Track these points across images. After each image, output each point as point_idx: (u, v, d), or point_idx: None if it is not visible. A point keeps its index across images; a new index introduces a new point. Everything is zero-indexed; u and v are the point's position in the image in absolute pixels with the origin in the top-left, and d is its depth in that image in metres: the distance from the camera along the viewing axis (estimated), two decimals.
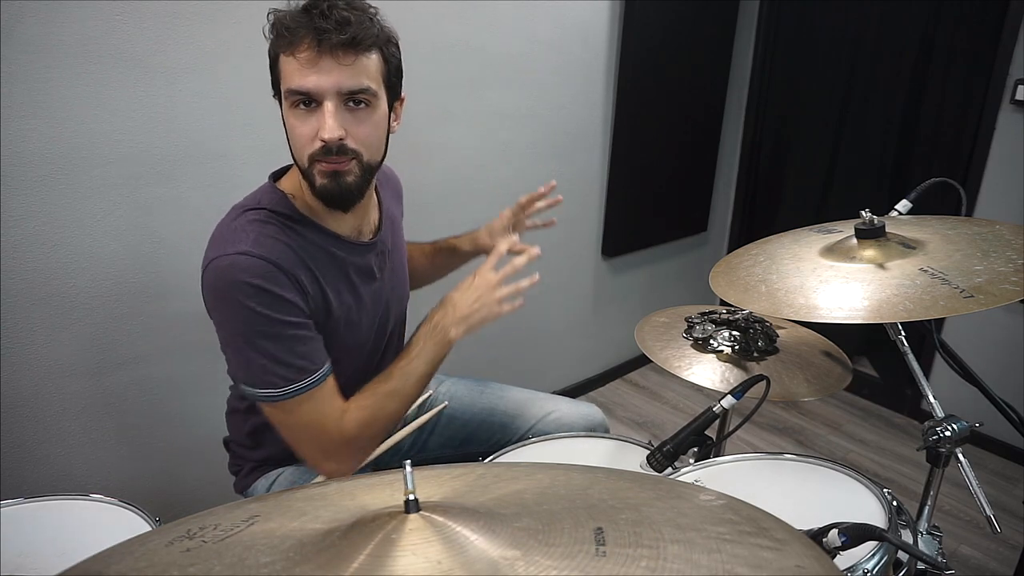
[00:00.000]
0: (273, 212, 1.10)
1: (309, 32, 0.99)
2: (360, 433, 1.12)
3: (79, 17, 1.44)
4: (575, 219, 2.64)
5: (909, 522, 1.04)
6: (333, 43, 0.99)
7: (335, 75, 1.00)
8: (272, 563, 0.56)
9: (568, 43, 2.35)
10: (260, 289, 1.02)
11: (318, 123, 1.02)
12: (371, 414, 1.12)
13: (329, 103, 1.01)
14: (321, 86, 1.00)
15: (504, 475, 0.74)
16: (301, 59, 1.00)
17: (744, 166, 3.16)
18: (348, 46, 1.00)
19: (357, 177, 1.07)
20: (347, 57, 1.00)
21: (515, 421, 1.45)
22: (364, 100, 1.04)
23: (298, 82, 1.01)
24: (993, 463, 2.51)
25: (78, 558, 0.64)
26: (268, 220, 1.09)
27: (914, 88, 2.66)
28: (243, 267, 1.02)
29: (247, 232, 1.06)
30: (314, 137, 1.03)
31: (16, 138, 1.43)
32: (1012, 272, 0.96)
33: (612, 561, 0.53)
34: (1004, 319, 2.43)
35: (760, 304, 1.09)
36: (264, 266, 1.03)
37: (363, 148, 1.06)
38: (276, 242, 1.07)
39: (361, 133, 1.05)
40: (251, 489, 1.34)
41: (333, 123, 1.01)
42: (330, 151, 1.03)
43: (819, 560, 0.57)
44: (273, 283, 1.03)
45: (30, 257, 1.51)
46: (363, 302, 1.21)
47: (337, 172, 1.05)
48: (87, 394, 1.65)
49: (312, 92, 1.01)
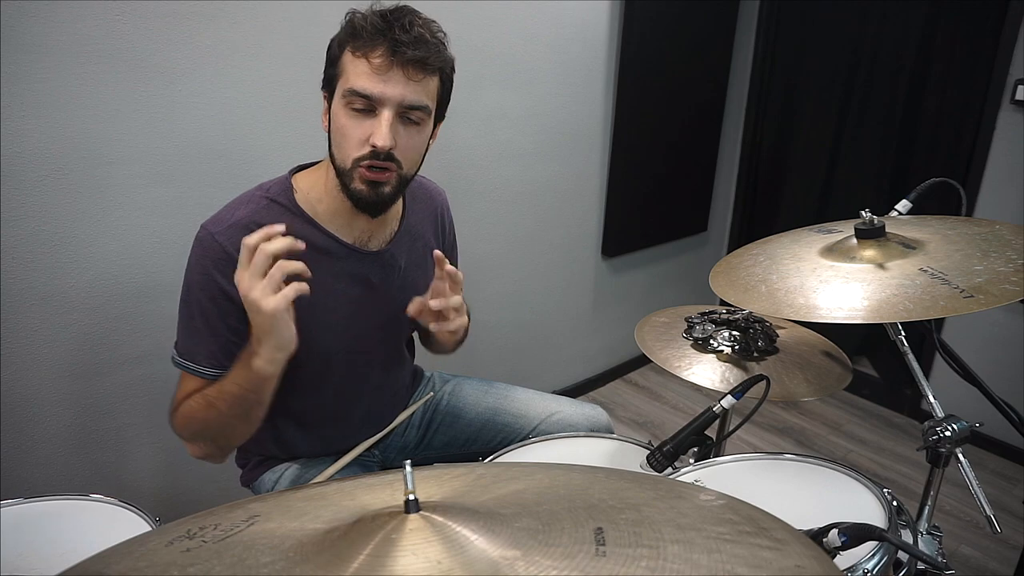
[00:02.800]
0: (273, 201, 1.15)
1: (386, 41, 1.02)
2: (182, 428, 1.15)
3: (79, 17, 1.44)
4: (575, 219, 2.64)
5: (909, 522, 1.04)
6: (407, 57, 1.03)
7: (401, 88, 1.04)
8: (272, 563, 0.56)
9: (568, 43, 2.35)
10: (208, 277, 1.10)
11: (371, 128, 1.05)
12: (190, 416, 1.13)
13: (388, 112, 1.05)
14: (387, 95, 1.04)
15: (504, 475, 0.74)
16: (373, 64, 1.03)
17: (744, 166, 3.16)
18: (419, 64, 1.04)
19: (393, 188, 1.11)
20: (416, 74, 1.05)
21: (519, 421, 1.45)
22: (418, 117, 1.09)
23: (364, 85, 1.04)
24: (993, 463, 2.51)
25: (78, 558, 0.64)
26: (263, 208, 1.14)
27: (914, 88, 2.66)
28: (206, 244, 1.11)
29: (238, 210, 1.13)
30: (365, 141, 1.06)
31: (16, 138, 1.43)
32: (1012, 272, 0.96)
33: (612, 561, 0.53)
34: (1004, 319, 2.43)
35: (760, 304, 1.09)
36: (221, 253, 1.09)
37: (405, 161, 1.10)
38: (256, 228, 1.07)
39: (408, 147, 1.09)
40: (257, 483, 1.35)
41: (388, 132, 1.05)
42: (377, 156, 1.06)
43: (819, 560, 0.57)
44: (221, 274, 1.09)
45: (30, 257, 1.51)
46: (341, 305, 1.20)
47: (377, 182, 1.09)
48: (87, 394, 1.65)
49: (375, 98, 1.04)
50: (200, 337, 1.13)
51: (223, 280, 1.09)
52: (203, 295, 1.11)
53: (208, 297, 1.11)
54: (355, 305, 1.22)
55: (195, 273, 1.12)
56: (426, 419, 1.49)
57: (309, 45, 1.18)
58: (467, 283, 1.62)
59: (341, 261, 1.18)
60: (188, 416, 1.13)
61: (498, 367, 2.54)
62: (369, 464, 1.39)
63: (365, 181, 1.08)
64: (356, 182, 1.09)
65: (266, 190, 1.16)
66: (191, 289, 1.13)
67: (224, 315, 1.12)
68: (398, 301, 1.26)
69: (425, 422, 1.48)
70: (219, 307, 1.11)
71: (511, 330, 2.56)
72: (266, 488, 1.33)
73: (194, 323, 1.13)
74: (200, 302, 1.12)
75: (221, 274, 1.09)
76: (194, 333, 1.14)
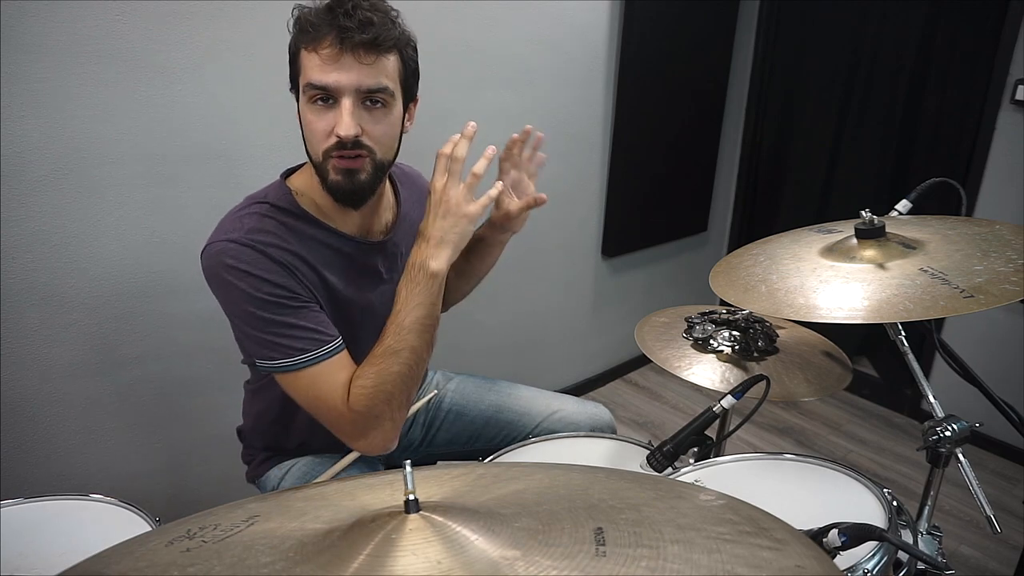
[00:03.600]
0: (274, 207, 1.12)
1: (332, 30, 1.01)
2: (368, 404, 1.06)
3: (79, 17, 1.44)
4: (575, 219, 2.64)
5: (909, 522, 1.04)
6: (355, 42, 1.01)
7: (355, 73, 1.03)
8: (272, 563, 0.56)
9: (568, 43, 2.35)
10: (245, 273, 1.05)
11: (335, 119, 1.04)
12: (373, 382, 1.06)
13: (347, 100, 1.03)
14: (341, 83, 1.03)
15: (504, 475, 0.74)
16: (323, 55, 1.02)
17: (744, 166, 3.16)
18: (369, 46, 1.02)
19: (369, 175, 1.09)
20: (368, 56, 1.03)
21: (522, 419, 1.46)
22: (381, 100, 1.07)
23: (318, 77, 1.03)
24: (993, 463, 2.51)
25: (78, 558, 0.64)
26: (267, 214, 1.11)
27: (914, 88, 2.66)
28: (230, 253, 1.05)
29: (243, 222, 1.09)
30: (330, 133, 1.05)
31: (16, 138, 1.43)
32: (1012, 272, 0.96)
33: (612, 561, 0.53)
34: (1004, 319, 2.43)
35: (760, 304, 1.09)
36: (249, 253, 1.06)
37: (377, 146, 1.09)
38: (268, 235, 1.09)
39: (376, 132, 1.08)
40: (263, 479, 1.35)
41: (350, 120, 1.03)
42: (344, 146, 1.05)
43: (819, 560, 0.57)
44: (258, 267, 1.06)
45: (30, 257, 1.51)
46: (361, 297, 1.21)
47: (350, 169, 1.07)
48: (87, 394, 1.65)
49: (331, 88, 1.03)
50: (292, 319, 1.07)
51: (259, 271, 1.05)
52: (258, 292, 1.05)
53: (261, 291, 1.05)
54: (370, 296, 1.22)
55: (231, 277, 1.05)
56: (429, 417, 1.49)
57: None
58: None
59: (352, 255, 1.19)
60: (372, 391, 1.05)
61: (498, 367, 2.54)
62: (373, 462, 1.39)
63: (339, 171, 1.07)
64: (331, 174, 1.08)
65: (262, 198, 1.13)
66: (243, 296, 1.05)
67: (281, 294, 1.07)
68: None
69: (428, 420, 1.49)
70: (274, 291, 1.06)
71: (511, 330, 2.56)
72: (272, 483, 1.33)
73: (277, 316, 1.06)
74: (257, 298, 1.05)
75: (256, 267, 1.05)
76: (283, 324, 1.06)
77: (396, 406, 1.08)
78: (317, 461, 1.33)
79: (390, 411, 1.08)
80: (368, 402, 1.06)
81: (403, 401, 1.09)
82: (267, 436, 1.35)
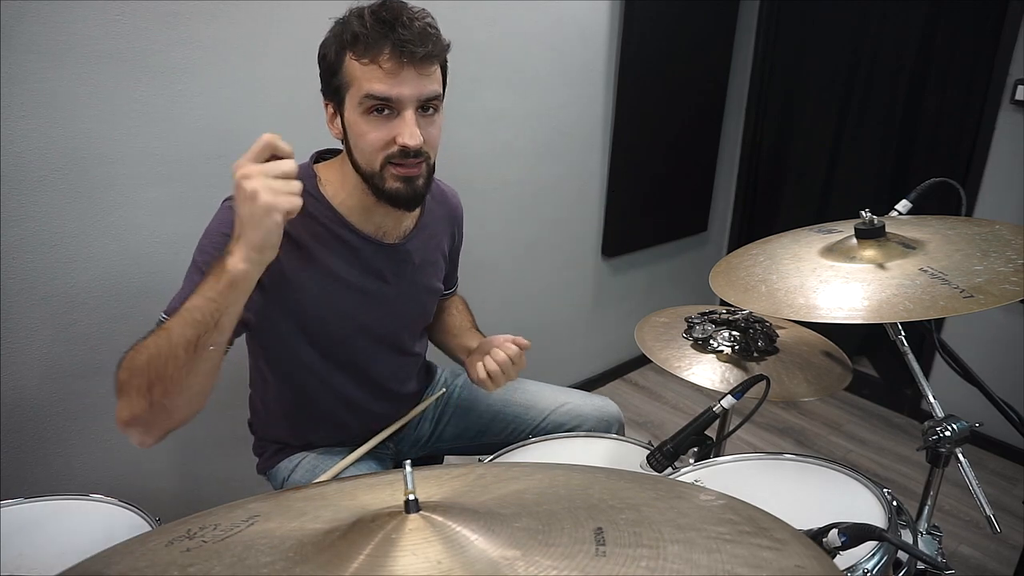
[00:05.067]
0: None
1: (390, 42, 1.03)
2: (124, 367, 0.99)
3: (79, 17, 1.44)
4: (575, 219, 2.64)
5: (909, 522, 1.04)
6: (418, 56, 1.04)
7: (416, 85, 1.06)
8: (272, 563, 0.56)
9: (568, 43, 2.35)
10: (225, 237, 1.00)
11: (395, 129, 1.07)
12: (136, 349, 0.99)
13: (409, 111, 1.07)
14: (404, 95, 1.05)
15: (504, 475, 0.74)
16: (385, 68, 1.04)
17: (744, 166, 3.16)
18: (427, 59, 1.06)
19: (425, 179, 1.13)
20: (427, 68, 1.07)
21: (529, 412, 1.47)
22: (433, 106, 1.11)
23: (381, 89, 1.05)
24: (993, 463, 2.51)
25: (78, 558, 0.64)
26: None
27: (914, 88, 2.66)
28: (226, 219, 1.08)
29: None
30: (390, 142, 1.08)
31: (16, 138, 1.43)
32: (1012, 272, 0.96)
33: (612, 561, 0.53)
34: (1004, 319, 2.43)
35: (760, 304, 1.09)
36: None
37: (432, 151, 1.13)
38: None
39: (432, 137, 1.12)
40: (274, 470, 1.36)
41: (416, 131, 1.07)
42: (407, 155, 1.08)
43: (819, 560, 0.57)
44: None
45: (30, 257, 1.51)
46: (354, 293, 1.22)
47: (410, 177, 1.10)
48: (87, 394, 1.65)
49: (394, 100, 1.05)
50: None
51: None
52: (215, 252, 1.04)
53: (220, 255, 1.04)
54: (368, 295, 1.23)
55: (211, 235, 1.11)
56: (438, 412, 1.51)
57: (309, 45, 1.18)
58: (467, 283, 1.63)
59: (358, 251, 1.20)
60: (136, 349, 0.99)
61: None
62: (383, 457, 1.40)
63: (399, 179, 1.10)
64: (389, 181, 1.10)
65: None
66: (203, 250, 1.11)
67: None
68: (408, 296, 1.29)
69: (437, 415, 1.51)
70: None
71: (511, 330, 2.52)
72: (282, 476, 1.34)
73: (195, 279, 1.05)
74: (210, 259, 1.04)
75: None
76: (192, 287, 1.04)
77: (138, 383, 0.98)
78: (326, 455, 1.34)
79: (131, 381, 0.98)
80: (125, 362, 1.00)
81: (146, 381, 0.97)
82: (276, 430, 1.36)
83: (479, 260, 2.33)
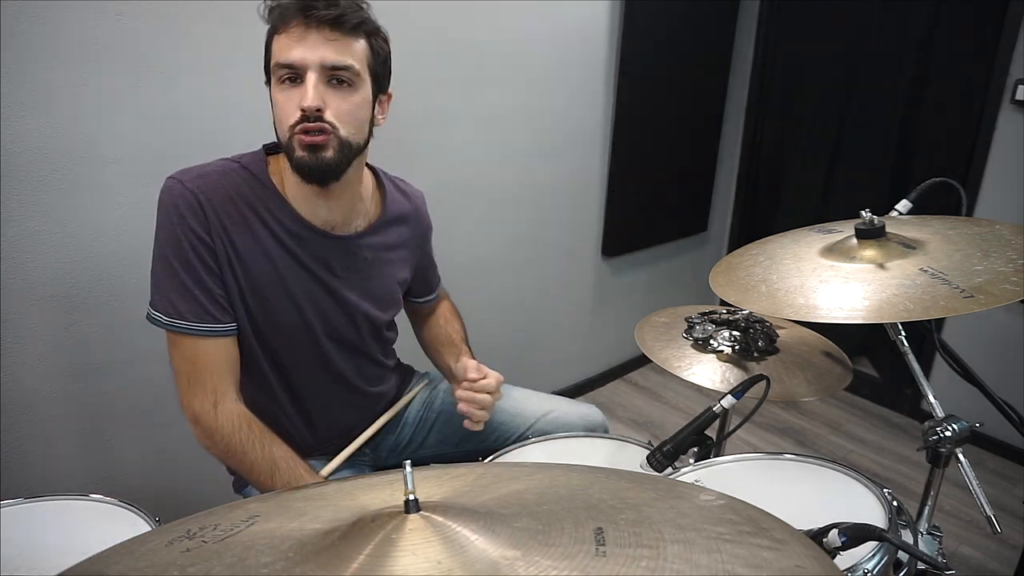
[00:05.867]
0: (246, 168, 1.16)
1: (300, 9, 1.04)
2: (216, 440, 1.15)
3: (79, 17, 1.44)
4: (575, 219, 2.64)
5: (909, 522, 1.04)
6: (320, 18, 1.04)
7: (320, 50, 1.05)
8: (272, 563, 0.56)
9: (568, 43, 2.35)
10: (181, 216, 1.09)
11: (301, 96, 1.06)
12: (230, 450, 1.14)
13: (312, 74, 1.05)
14: (306, 58, 1.05)
15: (504, 475, 0.74)
16: (291, 35, 1.05)
17: (744, 166, 3.16)
18: (335, 22, 1.05)
19: (336, 152, 1.09)
20: (333, 33, 1.05)
21: (515, 420, 1.45)
22: (346, 79, 1.08)
23: (285, 55, 1.05)
24: (993, 463, 2.51)
25: (78, 558, 0.64)
26: (233, 171, 1.15)
27: (914, 88, 2.66)
28: (175, 192, 1.10)
29: (208, 167, 1.15)
30: (295, 110, 1.06)
31: (16, 138, 1.43)
32: (1012, 272, 0.96)
33: (612, 561, 0.53)
34: (1004, 319, 2.43)
35: (760, 304, 1.09)
36: (189, 196, 1.10)
37: (341, 124, 1.09)
38: (219, 188, 1.12)
39: (341, 109, 1.08)
40: (248, 489, 1.33)
41: (313, 93, 1.05)
42: (308, 119, 1.06)
43: (819, 560, 0.57)
44: (194, 219, 1.10)
45: (30, 257, 1.51)
46: (303, 282, 1.20)
47: (315, 145, 1.07)
48: (87, 394, 1.65)
49: (296, 64, 1.05)
50: (186, 291, 1.10)
51: (197, 226, 1.09)
52: (185, 243, 1.09)
53: (189, 245, 1.09)
54: (317, 287, 1.21)
55: (170, 223, 1.10)
56: (420, 417, 1.47)
57: None
58: (467, 283, 1.63)
59: (305, 241, 1.18)
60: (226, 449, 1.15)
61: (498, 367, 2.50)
62: (361, 464, 1.37)
63: (304, 147, 1.07)
64: (297, 150, 1.08)
65: (238, 158, 1.18)
66: (168, 242, 1.10)
67: (204, 263, 1.11)
68: (361, 292, 1.26)
69: (419, 420, 1.47)
70: (199, 255, 1.10)
71: (511, 330, 2.56)
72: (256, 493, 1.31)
73: (178, 277, 1.10)
74: (182, 253, 1.09)
75: (194, 219, 1.09)
76: (178, 287, 1.10)
77: (220, 456, 1.18)
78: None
79: (218, 454, 1.17)
80: (219, 441, 1.14)
81: (231, 464, 1.20)
82: None
83: (479, 260, 2.33)
